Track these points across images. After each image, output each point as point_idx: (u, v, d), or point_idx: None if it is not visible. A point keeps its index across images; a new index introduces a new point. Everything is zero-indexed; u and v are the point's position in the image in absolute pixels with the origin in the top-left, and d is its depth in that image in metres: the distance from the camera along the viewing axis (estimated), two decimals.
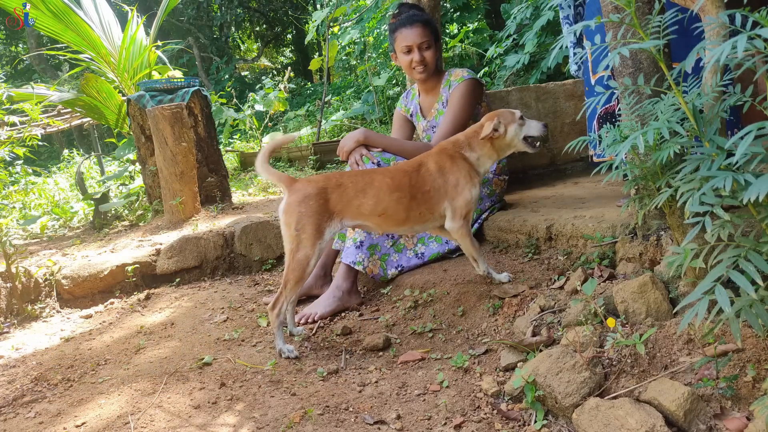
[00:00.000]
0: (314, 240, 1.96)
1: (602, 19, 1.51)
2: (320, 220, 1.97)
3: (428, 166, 2.13)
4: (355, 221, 2.07)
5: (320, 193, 1.99)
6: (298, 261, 1.96)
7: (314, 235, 1.96)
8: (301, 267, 1.96)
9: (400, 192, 2.05)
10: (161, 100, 3.95)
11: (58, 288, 2.82)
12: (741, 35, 1.04)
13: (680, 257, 1.27)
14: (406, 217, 2.09)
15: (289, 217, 1.98)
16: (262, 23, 16.39)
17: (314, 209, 1.96)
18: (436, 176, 2.11)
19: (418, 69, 2.63)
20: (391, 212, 2.06)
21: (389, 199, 2.04)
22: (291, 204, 1.98)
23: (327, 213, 2.00)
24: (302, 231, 1.95)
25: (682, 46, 1.74)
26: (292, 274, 1.97)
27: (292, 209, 1.97)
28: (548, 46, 5.22)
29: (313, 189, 1.99)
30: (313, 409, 1.61)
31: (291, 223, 1.97)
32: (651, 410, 1.29)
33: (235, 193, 4.68)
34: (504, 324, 1.97)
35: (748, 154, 1.06)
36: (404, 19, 2.63)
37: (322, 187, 2.01)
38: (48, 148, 13.53)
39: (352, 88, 9.39)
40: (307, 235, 1.95)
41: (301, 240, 1.95)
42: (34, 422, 1.65)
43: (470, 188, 2.11)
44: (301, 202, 1.97)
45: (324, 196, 2.00)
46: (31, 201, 6.19)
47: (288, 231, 1.98)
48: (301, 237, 1.95)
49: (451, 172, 2.11)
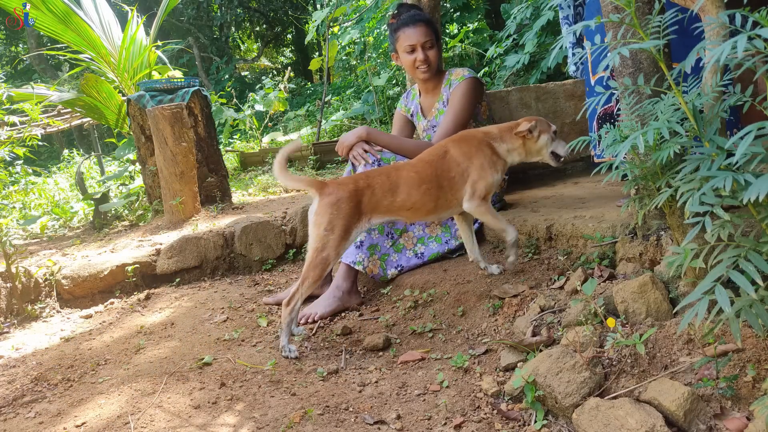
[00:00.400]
0: (341, 241, 2.03)
1: (602, 19, 1.51)
2: (350, 222, 2.04)
3: (453, 152, 2.18)
4: (384, 218, 2.15)
5: (352, 196, 2.04)
6: (321, 259, 2.02)
7: (342, 236, 2.03)
8: (323, 266, 2.02)
9: (428, 183, 2.12)
10: (161, 100, 3.95)
11: (58, 288, 2.82)
12: (741, 35, 1.04)
13: (680, 257, 1.27)
14: (434, 206, 2.15)
15: (320, 217, 2.03)
16: (262, 23, 16.39)
17: (346, 212, 2.02)
18: (462, 161, 2.16)
19: (422, 68, 2.64)
20: (419, 204, 2.12)
21: (418, 192, 2.11)
22: (323, 206, 2.03)
23: (357, 215, 2.06)
24: (331, 232, 2.01)
25: (682, 46, 1.74)
26: (312, 271, 2.02)
27: (324, 210, 2.03)
28: (548, 46, 5.21)
29: (345, 192, 2.04)
30: (313, 409, 1.61)
31: (322, 223, 2.02)
32: (651, 410, 1.29)
33: (235, 193, 4.68)
34: (504, 324, 1.97)
35: (748, 154, 1.06)
36: (407, 19, 2.63)
37: (353, 189, 2.06)
38: (48, 148, 13.52)
39: (352, 88, 9.39)
40: (335, 237, 2.01)
41: (329, 241, 2.01)
42: (34, 422, 1.65)
43: (493, 173, 2.17)
44: (333, 205, 2.02)
45: (356, 199, 2.05)
46: (31, 201, 6.19)
47: (317, 230, 2.03)
48: (329, 238, 2.01)
49: (477, 156, 2.17)
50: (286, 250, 3.15)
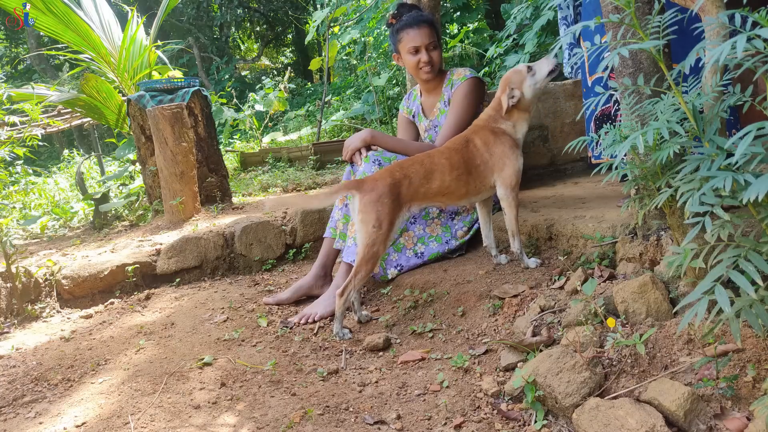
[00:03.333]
0: (388, 234, 2.12)
1: (602, 19, 1.51)
2: (394, 215, 2.13)
3: (474, 142, 2.26)
4: (422, 205, 2.25)
5: (391, 189, 2.12)
6: (372, 254, 2.11)
7: (389, 229, 2.12)
8: (374, 259, 2.12)
9: (458, 170, 2.21)
10: (161, 100, 3.95)
11: (58, 288, 2.82)
12: (740, 35, 1.04)
13: (680, 257, 1.27)
14: (466, 191, 2.25)
15: (366, 215, 2.11)
16: (262, 23, 16.39)
17: (389, 206, 2.10)
18: (483, 151, 2.24)
19: (425, 69, 2.63)
20: (453, 189, 2.22)
21: (451, 178, 2.20)
22: (367, 204, 2.10)
23: (398, 206, 2.14)
24: (379, 228, 2.10)
25: (681, 46, 1.74)
26: (366, 265, 2.12)
27: (368, 208, 2.10)
28: (548, 46, 5.21)
29: (384, 187, 2.11)
30: (313, 409, 1.61)
31: (369, 221, 2.10)
32: (651, 410, 1.29)
33: (235, 193, 4.68)
34: (504, 324, 1.97)
35: (747, 154, 1.06)
36: (410, 20, 2.62)
37: (391, 182, 2.13)
38: (48, 148, 13.52)
39: (352, 88, 9.38)
40: (383, 231, 2.10)
41: (378, 236, 2.10)
42: (34, 422, 1.65)
43: (514, 159, 2.23)
44: (377, 201, 2.09)
45: (396, 191, 2.13)
46: (31, 201, 6.18)
47: (365, 228, 2.11)
48: (378, 233, 2.10)
49: (495, 145, 2.24)
50: (286, 250, 3.15)
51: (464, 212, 2.65)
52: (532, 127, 3.44)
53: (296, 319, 2.33)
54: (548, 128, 3.50)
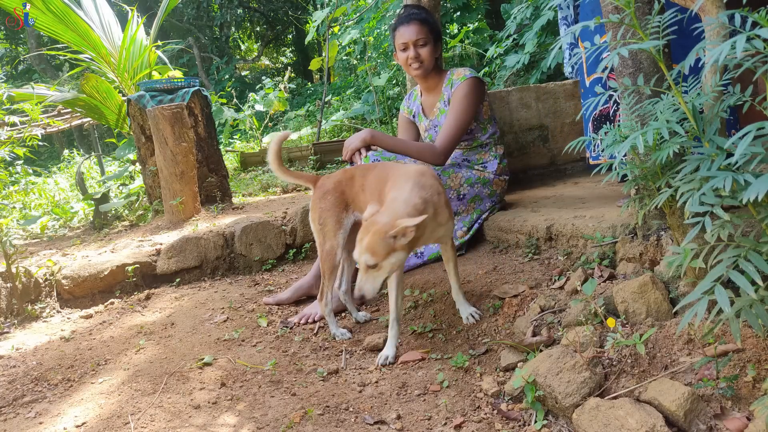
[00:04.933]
0: (337, 230, 2.11)
1: (602, 19, 1.51)
2: (339, 213, 2.12)
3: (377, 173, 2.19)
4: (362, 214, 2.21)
5: (336, 187, 2.13)
6: (327, 252, 2.12)
7: (335, 225, 2.12)
8: (331, 256, 2.12)
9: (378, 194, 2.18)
10: (161, 100, 3.95)
11: (58, 288, 2.82)
12: (740, 35, 1.04)
13: (680, 257, 1.27)
14: None
15: (312, 212, 2.14)
16: (262, 23, 16.39)
17: (332, 203, 2.11)
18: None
19: (414, 65, 2.64)
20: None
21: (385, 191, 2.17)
22: (313, 200, 2.14)
23: (344, 205, 2.14)
24: (324, 224, 2.11)
25: (681, 46, 1.74)
26: (324, 263, 2.13)
27: (313, 205, 2.14)
28: (548, 46, 5.21)
29: (330, 184, 2.13)
30: (313, 409, 1.61)
31: (314, 218, 2.14)
32: (651, 410, 1.29)
33: (235, 193, 4.68)
34: (504, 324, 1.97)
35: (747, 154, 1.06)
36: (402, 18, 2.65)
37: (337, 181, 2.14)
38: (48, 148, 13.52)
39: (352, 88, 9.38)
40: (329, 228, 2.11)
41: (325, 232, 2.11)
42: (34, 422, 1.65)
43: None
44: (321, 198, 2.12)
45: (340, 189, 2.14)
46: (31, 201, 6.18)
47: (313, 225, 2.15)
48: (324, 230, 2.11)
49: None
50: (287, 250, 3.15)
51: (464, 212, 2.65)
52: (532, 127, 3.45)
53: (296, 319, 2.33)
54: (548, 128, 3.50)
